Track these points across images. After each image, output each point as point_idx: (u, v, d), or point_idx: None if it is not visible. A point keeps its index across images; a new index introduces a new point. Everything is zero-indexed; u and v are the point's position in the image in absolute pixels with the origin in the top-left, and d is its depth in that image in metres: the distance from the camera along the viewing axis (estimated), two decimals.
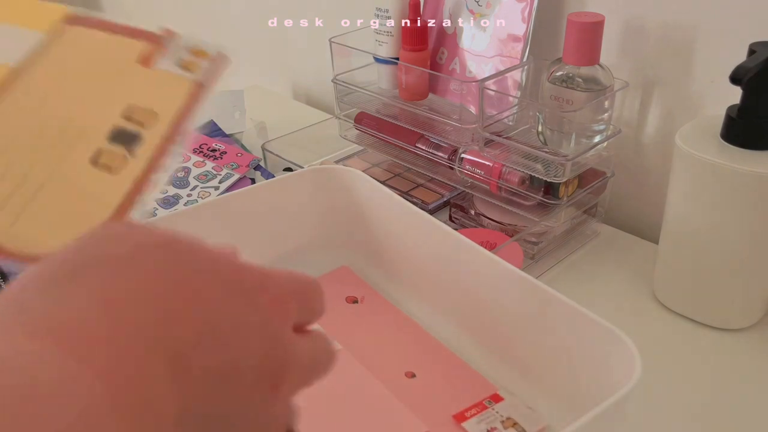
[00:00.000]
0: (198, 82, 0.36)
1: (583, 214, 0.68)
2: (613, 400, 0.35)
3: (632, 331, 0.40)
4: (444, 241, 0.51)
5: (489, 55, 0.68)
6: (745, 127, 0.51)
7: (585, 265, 0.65)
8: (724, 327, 0.57)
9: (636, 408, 0.47)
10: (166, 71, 0.36)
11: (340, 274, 0.62)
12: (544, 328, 0.45)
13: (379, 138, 0.76)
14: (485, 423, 0.46)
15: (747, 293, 0.55)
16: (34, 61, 0.37)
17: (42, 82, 0.36)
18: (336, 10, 0.98)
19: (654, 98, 0.67)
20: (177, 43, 0.38)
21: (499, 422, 0.46)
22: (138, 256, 0.22)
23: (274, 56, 1.17)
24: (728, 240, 0.53)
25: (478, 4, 0.69)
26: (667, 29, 0.63)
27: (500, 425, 0.46)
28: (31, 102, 0.35)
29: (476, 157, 0.66)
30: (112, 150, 0.32)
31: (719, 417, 0.49)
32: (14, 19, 0.40)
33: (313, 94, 1.13)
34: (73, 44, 0.39)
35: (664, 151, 0.68)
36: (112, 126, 0.33)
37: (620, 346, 0.39)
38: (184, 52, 0.37)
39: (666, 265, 0.59)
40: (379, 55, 0.73)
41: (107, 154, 0.32)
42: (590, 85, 0.61)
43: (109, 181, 0.31)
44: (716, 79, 0.62)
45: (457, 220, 0.71)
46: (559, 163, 0.60)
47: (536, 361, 0.47)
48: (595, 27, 0.59)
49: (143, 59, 0.38)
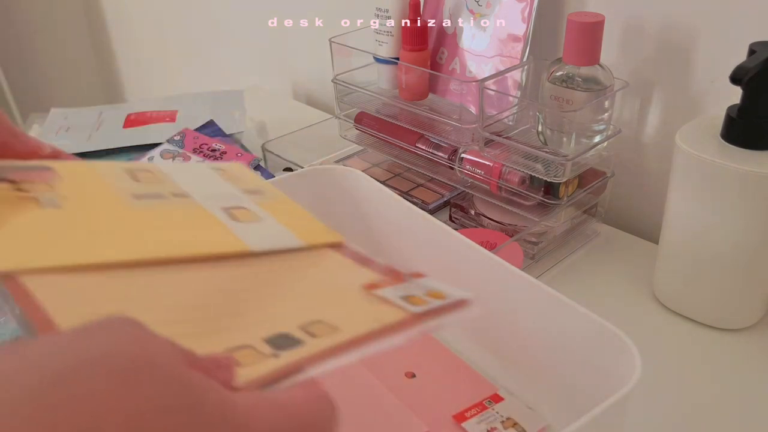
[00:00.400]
0: (415, 314, 0.33)
1: (583, 214, 0.68)
2: (613, 400, 0.35)
3: (632, 331, 0.40)
4: (444, 241, 0.51)
5: (489, 55, 0.68)
6: (745, 127, 0.51)
7: (585, 265, 0.65)
8: (724, 327, 0.57)
9: (636, 408, 0.47)
10: (384, 298, 0.35)
11: None
12: (544, 328, 0.45)
13: (379, 138, 0.76)
14: (485, 423, 0.46)
15: (747, 293, 0.55)
16: (273, 257, 0.39)
17: (262, 273, 0.37)
18: (336, 10, 0.98)
19: (654, 98, 0.67)
20: (418, 282, 0.36)
21: (499, 422, 0.46)
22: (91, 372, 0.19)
23: (274, 56, 1.17)
24: (728, 240, 0.53)
25: (478, 4, 0.69)
26: (667, 29, 0.63)
27: (500, 425, 0.46)
28: (241, 283, 0.35)
29: (476, 157, 0.66)
30: (259, 349, 0.29)
31: (719, 417, 0.49)
32: (290, 224, 0.42)
33: (313, 94, 1.13)
34: (317, 258, 0.40)
35: (664, 151, 0.68)
36: (284, 330, 0.31)
37: (620, 346, 0.39)
38: (419, 291, 0.35)
39: (666, 265, 0.59)
40: (379, 55, 0.73)
41: (249, 352, 0.29)
42: (590, 85, 0.61)
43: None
44: (716, 79, 0.62)
45: (457, 220, 0.71)
46: (559, 163, 0.60)
47: (536, 361, 0.47)
48: (595, 27, 0.59)
49: (369, 284, 0.37)
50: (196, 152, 0.80)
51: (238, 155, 0.80)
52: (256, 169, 0.79)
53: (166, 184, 0.41)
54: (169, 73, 1.56)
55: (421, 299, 0.35)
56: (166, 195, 0.40)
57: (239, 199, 0.42)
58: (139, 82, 1.71)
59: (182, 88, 1.52)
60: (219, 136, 0.85)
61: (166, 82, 1.59)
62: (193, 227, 0.38)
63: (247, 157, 0.79)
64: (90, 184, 0.39)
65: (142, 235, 0.36)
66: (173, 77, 1.55)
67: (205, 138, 0.83)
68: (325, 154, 0.82)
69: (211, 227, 0.38)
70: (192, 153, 0.80)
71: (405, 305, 0.33)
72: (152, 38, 1.53)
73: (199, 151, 0.80)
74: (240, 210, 0.41)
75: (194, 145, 0.81)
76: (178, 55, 1.47)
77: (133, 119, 0.93)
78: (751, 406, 0.50)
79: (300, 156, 0.81)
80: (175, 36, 1.44)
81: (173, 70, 1.53)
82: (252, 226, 0.41)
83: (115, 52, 1.72)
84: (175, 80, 1.54)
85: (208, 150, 0.81)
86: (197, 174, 0.44)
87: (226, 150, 0.80)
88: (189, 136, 0.83)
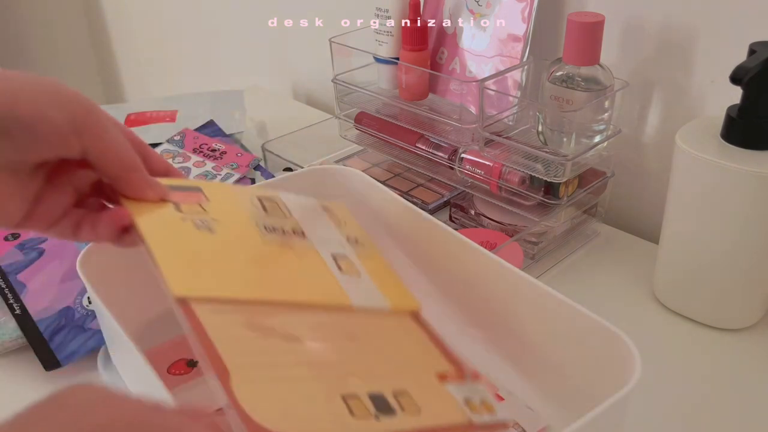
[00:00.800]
0: (473, 424, 0.39)
1: (583, 214, 0.68)
2: (613, 400, 0.35)
3: (632, 331, 0.40)
4: (444, 241, 0.51)
5: (489, 55, 0.68)
6: (745, 127, 0.51)
7: (585, 265, 0.65)
8: (724, 327, 0.57)
9: (636, 408, 0.47)
10: (451, 395, 0.40)
11: None
12: (544, 328, 0.45)
13: (379, 138, 0.76)
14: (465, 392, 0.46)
15: (747, 293, 0.55)
16: (366, 314, 0.44)
17: (360, 328, 0.42)
18: (336, 10, 0.98)
19: (654, 98, 0.67)
20: (476, 386, 0.42)
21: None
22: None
23: (274, 56, 1.17)
24: (728, 240, 0.53)
25: (478, 4, 0.69)
26: (667, 29, 0.63)
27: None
28: (345, 333, 0.41)
29: (476, 157, 0.66)
30: (365, 404, 0.35)
31: (719, 417, 0.49)
32: (381, 283, 0.48)
33: (313, 94, 1.13)
34: (401, 325, 0.45)
35: (664, 151, 0.68)
36: (381, 391, 0.37)
37: (620, 346, 0.39)
38: (476, 397, 0.41)
39: (666, 265, 0.59)
40: (379, 55, 0.73)
41: (358, 403, 0.35)
42: (590, 84, 0.61)
43: (344, 418, 0.34)
44: (716, 79, 0.62)
45: (457, 220, 0.71)
46: (559, 163, 0.60)
47: (536, 361, 0.47)
48: (595, 27, 0.59)
49: (441, 375, 0.42)
50: (196, 152, 0.80)
51: (238, 155, 0.80)
52: (256, 169, 0.79)
53: (288, 220, 0.46)
54: (169, 73, 1.56)
55: (477, 407, 0.41)
56: (288, 231, 0.45)
57: (343, 246, 0.48)
58: (139, 82, 1.71)
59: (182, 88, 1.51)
60: (219, 136, 0.85)
61: (166, 82, 1.58)
62: (312, 273, 0.44)
63: (247, 157, 0.79)
64: (230, 208, 0.44)
65: (278, 274, 0.42)
66: (173, 77, 1.55)
67: (205, 138, 0.83)
68: (325, 154, 0.82)
69: (324, 275, 0.44)
70: (192, 153, 0.80)
71: (466, 410, 0.39)
72: (152, 38, 1.53)
73: (199, 151, 0.80)
74: (344, 260, 0.47)
75: (194, 145, 0.81)
76: (178, 55, 1.47)
77: (133, 119, 0.93)
78: (751, 406, 0.50)
79: (300, 156, 0.81)
80: (175, 36, 1.44)
81: (173, 70, 1.53)
82: (353, 279, 0.46)
83: (115, 52, 1.72)
84: (175, 80, 1.54)
85: (208, 150, 0.81)
86: (308, 209, 0.49)
87: (226, 150, 0.80)
88: (189, 136, 0.83)
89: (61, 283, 0.58)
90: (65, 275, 0.58)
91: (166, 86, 1.58)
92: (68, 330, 0.55)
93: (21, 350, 0.55)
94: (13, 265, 0.59)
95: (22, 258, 0.60)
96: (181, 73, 1.51)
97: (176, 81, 1.54)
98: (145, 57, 1.61)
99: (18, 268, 0.59)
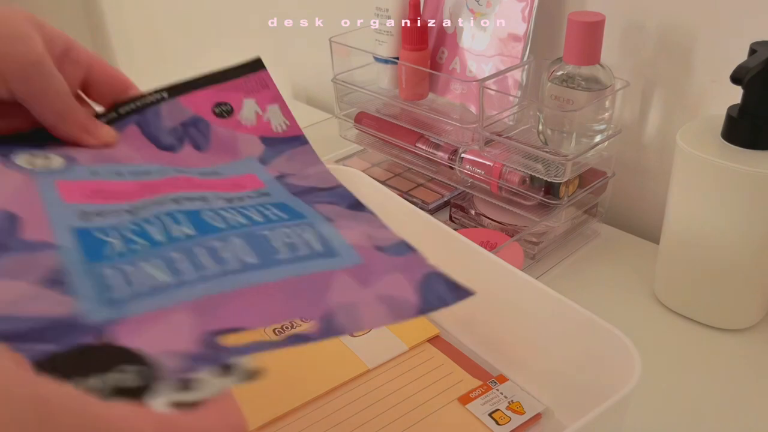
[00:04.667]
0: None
1: (583, 214, 0.68)
2: (613, 400, 0.35)
3: (632, 331, 0.40)
4: (444, 241, 0.51)
5: (489, 55, 0.68)
6: (745, 127, 0.51)
7: (585, 265, 0.65)
8: (724, 327, 0.57)
9: (636, 408, 0.47)
10: (474, 416, 0.41)
11: None
12: (544, 328, 0.45)
13: (379, 138, 0.76)
14: (489, 405, 0.46)
15: (747, 293, 0.55)
16: (383, 368, 0.45)
17: (373, 388, 0.44)
18: (336, 10, 0.98)
19: (654, 98, 0.67)
20: (501, 392, 0.43)
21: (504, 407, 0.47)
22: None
23: (274, 56, 1.17)
24: (729, 240, 0.53)
25: (478, 4, 0.68)
26: (667, 29, 0.63)
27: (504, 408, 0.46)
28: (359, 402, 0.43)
29: (476, 157, 0.66)
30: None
31: (719, 417, 0.49)
32: (399, 330, 0.48)
33: (313, 94, 1.13)
34: (419, 365, 0.46)
35: (665, 151, 0.68)
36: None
37: (620, 346, 0.39)
38: (503, 403, 0.42)
39: (666, 265, 0.59)
40: (379, 54, 0.73)
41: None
42: (591, 84, 0.61)
43: None
44: (717, 78, 0.62)
45: (458, 220, 0.71)
46: (560, 163, 0.60)
47: (536, 361, 0.47)
48: (595, 26, 0.59)
49: (463, 398, 0.43)
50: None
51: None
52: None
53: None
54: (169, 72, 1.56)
55: (505, 414, 0.41)
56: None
57: None
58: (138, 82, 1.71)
59: None
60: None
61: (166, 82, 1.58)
62: (321, 358, 0.45)
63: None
64: None
65: (301, 369, 0.44)
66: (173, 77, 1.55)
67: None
68: (325, 154, 0.82)
69: (339, 350, 0.45)
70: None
71: (492, 425, 0.40)
72: (152, 38, 1.53)
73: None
74: None
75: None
76: (178, 54, 1.47)
77: None
78: (751, 406, 0.50)
79: None
80: (175, 36, 1.44)
81: (173, 69, 1.53)
82: (364, 338, 0.46)
83: (115, 52, 1.72)
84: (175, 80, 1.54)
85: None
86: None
87: None
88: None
89: None
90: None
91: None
92: None
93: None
94: None
95: None
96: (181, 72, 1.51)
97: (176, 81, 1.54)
98: (144, 57, 1.61)
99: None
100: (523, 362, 0.48)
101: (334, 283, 0.34)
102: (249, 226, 0.36)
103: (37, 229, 0.34)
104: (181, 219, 0.36)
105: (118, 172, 0.40)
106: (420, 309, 0.35)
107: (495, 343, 0.50)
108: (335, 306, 0.32)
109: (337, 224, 0.39)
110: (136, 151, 0.42)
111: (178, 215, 0.36)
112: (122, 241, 0.34)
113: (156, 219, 0.36)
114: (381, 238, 0.39)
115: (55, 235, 0.34)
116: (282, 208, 0.39)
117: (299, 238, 0.36)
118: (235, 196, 0.40)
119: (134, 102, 0.45)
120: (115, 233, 0.34)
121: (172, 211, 0.36)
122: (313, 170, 0.44)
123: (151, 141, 0.43)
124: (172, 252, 0.33)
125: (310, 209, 0.40)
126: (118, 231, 0.35)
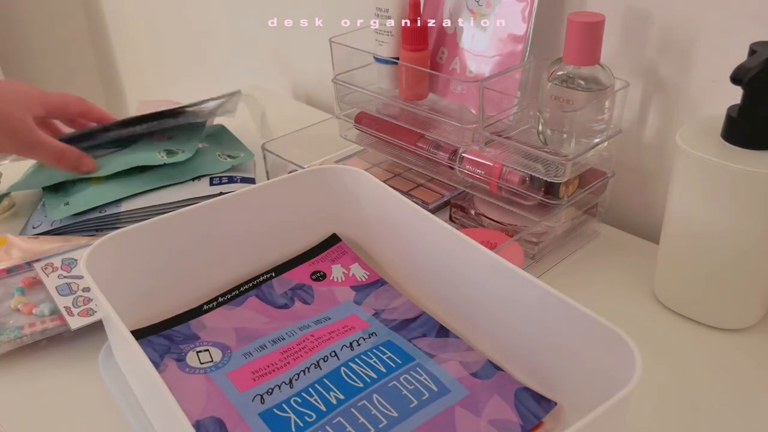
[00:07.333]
0: None
1: (583, 214, 0.68)
2: (613, 400, 0.35)
3: (632, 331, 0.40)
4: (446, 240, 0.51)
5: (489, 55, 0.68)
6: (745, 127, 0.51)
7: (585, 265, 0.65)
8: (724, 327, 0.57)
9: (636, 408, 0.47)
10: None
11: None
12: (545, 328, 0.45)
13: (379, 138, 0.76)
14: None
15: (747, 293, 0.55)
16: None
17: None
18: (336, 10, 0.98)
19: (654, 98, 0.67)
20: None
21: None
22: None
23: (274, 56, 1.17)
24: (729, 240, 0.53)
25: (478, 4, 0.69)
26: (667, 29, 0.63)
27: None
28: None
29: (476, 157, 0.66)
30: None
31: (719, 417, 0.49)
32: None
33: (313, 94, 1.13)
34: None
35: (665, 151, 0.68)
36: None
37: (620, 346, 0.39)
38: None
39: (666, 265, 0.59)
40: (379, 54, 0.73)
41: None
42: (591, 84, 0.61)
43: None
44: (717, 79, 0.62)
45: (458, 220, 0.71)
46: (560, 163, 0.60)
47: (536, 361, 0.47)
48: (595, 27, 0.59)
49: None
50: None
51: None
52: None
53: None
54: (168, 72, 1.56)
55: None
56: None
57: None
58: (138, 82, 1.71)
59: (182, 88, 1.52)
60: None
61: (165, 82, 1.59)
62: None
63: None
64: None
65: None
66: (173, 77, 1.55)
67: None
68: (325, 154, 0.82)
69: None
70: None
71: None
72: (152, 38, 1.53)
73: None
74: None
75: None
76: (178, 54, 1.47)
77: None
78: (751, 406, 0.50)
79: (300, 156, 0.81)
80: (175, 35, 1.44)
81: (173, 69, 1.53)
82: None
83: (115, 52, 1.72)
84: (175, 80, 1.54)
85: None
86: None
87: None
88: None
89: None
90: None
91: (165, 86, 1.58)
92: None
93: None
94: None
95: None
96: (181, 72, 1.51)
97: (176, 81, 1.54)
98: (144, 57, 1.61)
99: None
100: (523, 361, 0.48)
101: (457, 418, 0.43)
102: (379, 379, 0.46)
103: (239, 426, 0.43)
104: (330, 385, 0.46)
105: (262, 345, 0.50)
106: (522, 428, 0.43)
107: (493, 343, 0.50)
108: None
109: (437, 359, 0.49)
110: (260, 315, 0.54)
111: (326, 382, 0.46)
112: (295, 414, 0.44)
113: (312, 390, 0.46)
114: (472, 363, 0.48)
115: (251, 426, 0.43)
116: (390, 347, 0.50)
117: (417, 382, 0.46)
118: (353, 340, 0.50)
119: (250, 282, 0.57)
120: (288, 408, 0.44)
121: (320, 378, 0.46)
122: (397, 302, 0.55)
123: (269, 304, 0.55)
124: (339, 417, 0.43)
125: (413, 347, 0.50)
126: (288, 405, 0.44)
